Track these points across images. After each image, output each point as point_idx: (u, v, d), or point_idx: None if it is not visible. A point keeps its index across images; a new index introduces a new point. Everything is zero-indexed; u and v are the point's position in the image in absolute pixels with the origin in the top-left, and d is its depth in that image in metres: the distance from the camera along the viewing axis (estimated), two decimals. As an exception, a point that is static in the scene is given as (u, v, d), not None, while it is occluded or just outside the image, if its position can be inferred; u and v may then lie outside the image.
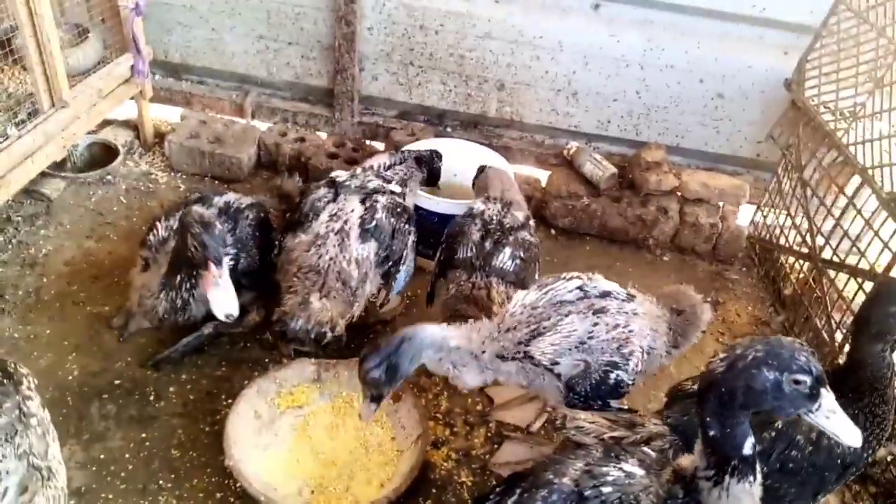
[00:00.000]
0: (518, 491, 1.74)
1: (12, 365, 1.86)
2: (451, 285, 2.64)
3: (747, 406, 1.53)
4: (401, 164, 3.06)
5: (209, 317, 2.64)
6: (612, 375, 2.21)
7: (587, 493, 1.66)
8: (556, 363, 2.19)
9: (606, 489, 1.66)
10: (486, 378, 2.28)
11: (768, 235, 3.72)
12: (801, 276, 3.37)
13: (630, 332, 2.25)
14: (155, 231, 2.66)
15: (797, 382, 1.50)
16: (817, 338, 3.05)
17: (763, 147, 3.87)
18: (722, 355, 1.56)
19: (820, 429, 1.57)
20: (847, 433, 1.56)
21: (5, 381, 1.78)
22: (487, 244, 2.66)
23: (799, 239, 3.38)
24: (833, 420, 1.55)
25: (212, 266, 2.35)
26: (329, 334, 2.57)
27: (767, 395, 1.50)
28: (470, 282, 2.61)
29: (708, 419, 1.57)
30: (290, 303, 2.58)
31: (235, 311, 2.37)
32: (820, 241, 3.17)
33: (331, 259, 2.64)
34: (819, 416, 1.55)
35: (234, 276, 2.64)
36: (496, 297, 2.55)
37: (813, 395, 1.52)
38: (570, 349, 2.19)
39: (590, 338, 2.20)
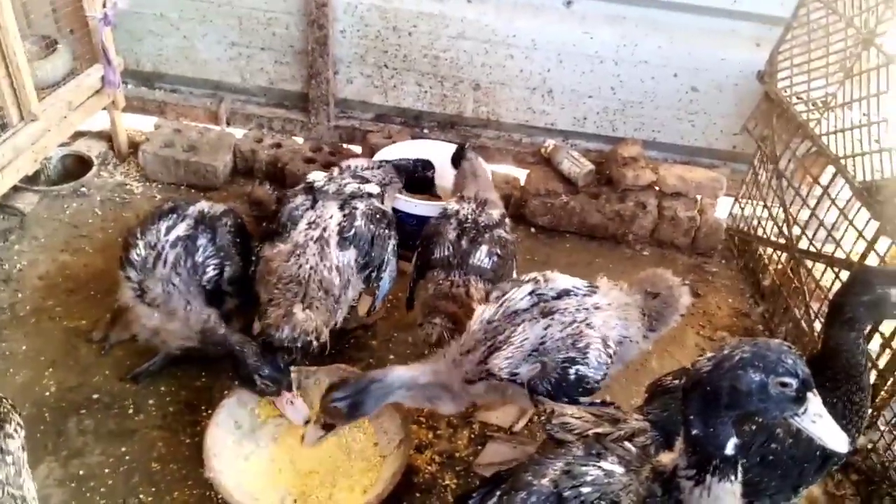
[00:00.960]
0: (498, 493, 1.74)
1: (5, 404, 1.87)
2: (429, 285, 2.64)
3: (732, 407, 1.52)
4: (378, 168, 3.05)
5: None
6: (571, 371, 2.20)
7: (566, 493, 1.65)
8: (515, 374, 2.20)
9: (586, 489, 1.65)
10: (462, 403, 2.35)
11: (746, 227, 3.74)
12: (780, 266, 3.39)
13: (587, 325, 2.24)
14: (137, 251, 2.56)
15: (783, 385, 1.48)
16: (797, 328, 3.07)
17: (738, 139, 3.90)
18: (709, 355, 1.55)
19: (805, 433, 1.57)
20: (833, 438, 1.55)
21: None
22: (464, 243, 2.67)
23: (776, 230, 3.40)
24: (819, 424, 1.53)
25: (285, 394, 2.46)
26: (315, 343, 2.55)
27: (752, 396, 1.49)
28: (448, 280, 2.61)
29: (691, 418, 1.56)
30: (274, 315, 2.55)
31: (309, 413, 2.47)
32: (797, 231, 3.19)
33: (311, 269, 2.61)
34: (805, 419, 1.53)
35: (219, 285, 2.65)
36: (475, 293, 2.55)
37: (799, 399, 1.50)
38: (524, 358, 2.20)
39: (541, 342, 2.21)
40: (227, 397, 2.50)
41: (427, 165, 3.28)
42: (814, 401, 1.52)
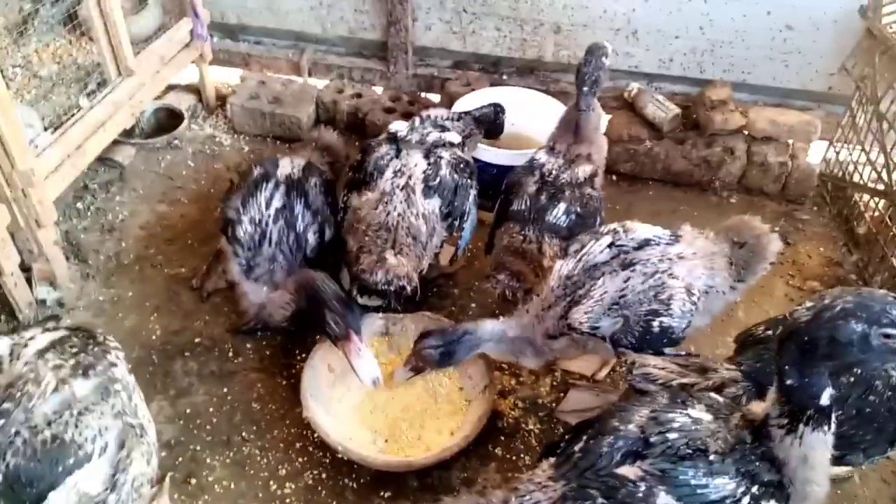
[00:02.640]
0: (584, 437, 1.77)
1: (101, 336, 1.98)
2: (503, 236, 2.66)
3: (830, 358, 1.49)
4: (458, 120, 3.05)
5: None
6: (655, 323, 2.20)
7: (653, 439, 1.67)
8: (596, 327, 2.21)
9: (672, 435, 1.67)
10: (546, 359, 2.38)
11: (841, 173, 3.58)
12: (877, 214, 3.24)
13: (669, 275, 2.21)
14: (242, 227, 2.63)
15: (887, 336, 1.44)
16: (893, 278, 2.96)
17: (835, 80, 3.69)
18: (808, 304, 1.51)
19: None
20: None
21: (95, 347, 1.90)
22: (542, 198, 2.64)
23: (874, 175, 3.24)
24: None
25: (353, 337, 2.42)
26: (407, 287, 2.63)
27: (853, 347, 1.45)
28: (521, 234, 2.62)
29: (787, 368, 1.55)
30: (367, 261, 2.63)
31: (380, 376, 2.43)
32: (897, 177, 3.04)
33: (399, 215, 2.67)
34: None
35: (322, 245, 2.74)
36: (547, 251, 2.55)
37: None
38: (604, 312, 2.20)
39: (622, 295, 2.20)
40: (320, 343, 2.61)
41: (501, 109, 3.24)
42: None
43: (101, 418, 1.77)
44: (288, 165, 2.84)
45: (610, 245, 2.29)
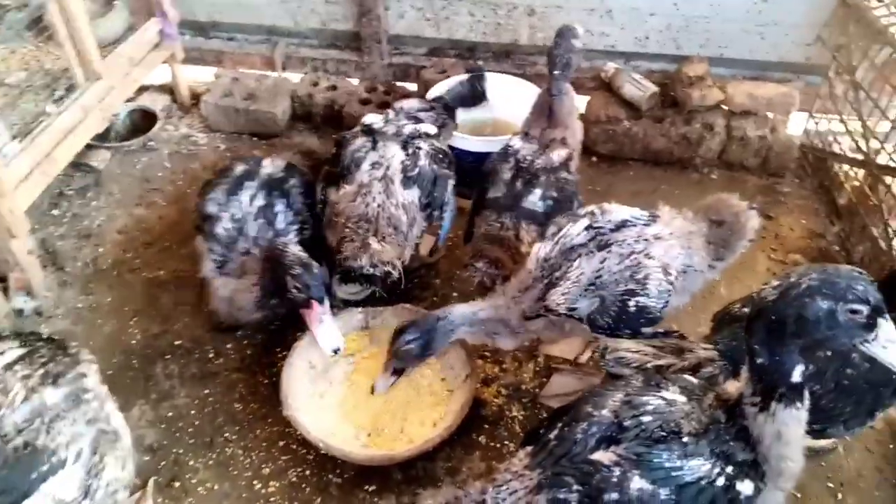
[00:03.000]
0: (559, 425, 1.77)
1: (72, 347, 1.97)
2: (481, 224, 2.64)
3: (798, 335, 1.48)
4: (431, 110, 3.02)
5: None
6: (632, 303, 2.18)
7: (627, 423, 1.67)
8: (574, 308, 2.20)
9: (646, 418, 1.67)
10: (522, 339, 2.36)
11: (821, 144, 3.55)
12: (857, 184, 3.23)
13: (646, 255, 2.20)
14: (222, 224, 2.59)
15: (853, 312, 1.44)
16: (874, 247, 2.94)
17: (812, 50, 3.65)
18: (774, 283, 1.50)
19: (876, 358, 1.52)
20: None
21: (65, 357, 1.89)
22: (518, 184, 2.63)
23: (853, 145, 3.22)
24: (891, 350, 1.49)
25: (316, 305, 2.38)
26: (393, 273, 2.62)
27: (820, 324, 1.45)
28: (498, 222, 2.60)
29: (756, 347, 1.54)
30: (350, 247, 2.62)
31: (343, 345, 2.42)
32: (875, 145, 3.02)
33: (379, 206, 2.66)
34: (875, 346, 1.48)
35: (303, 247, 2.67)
36: (525, 237, 2.54)
37: (870, 325, 1.46)
38: (581, 292, 2.19)
39: (598, 276, 2.19)
40: (300, 339, 2.60)
41: (479, 77, 3.19)
42: (885, 326, 1.47)
43: (74, 425, 1.76)
44: (269, 165, 2.81)
45: (587, 227, 2.28)
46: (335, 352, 2.40)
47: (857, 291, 1.43)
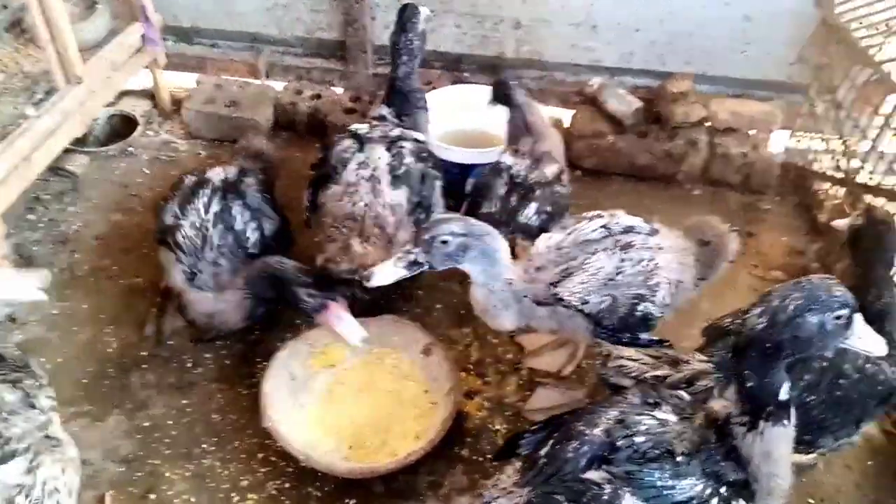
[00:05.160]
0: (550, 442, 1.75)
1: (33, 363, 2.01)
2: None
3: (793, 355, 1.51)
4: (388, 102, 2.97)
5: None
6: (640, 308, 2.21)
7: (619, 443, 1.66)
8: (586, 302, 2.19)
9: (639, 439, 1.66)
10: (521, 322, 2.29)
11: (802, 162, 3.59)
12: (837, 202, 3.26)
13: (656, 264, 2.23)
14: (182, 232, 2.56)
15: (839, 318, 1.49)
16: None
17: (794, 69, 3.70)
18: (757, 310, 1.51)
19: (853, 350, 1.59)
20: (877, 346, 1.59)
21: (22, 369, 1.95)
22: (513, 200, 2.64)
23: (834, 164, 3.26)
24: (865, 338, 1.56)
25: (332, 306, 2.36)
26: None
27: (814, 339, 1.49)
28: None
29: (747, 373, 1.56)
30: (332, 248, 2.59)
31: (367, 333, 2.39)
32: (855, 164, 3.05)
33: (366, 205, 2.63)
34: (853, 339, 1.55)
35: (264, 242, 2.67)
36: (520, 253, 2.52)
37: (849, 324, 1.52)
38: (598, 287, 2.19)
39: (618, 274, 2.20)
40: (281, 350, 2.56)
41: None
42: (857, 320, 1.54)
43: (26, 423, 1.83)
44: (220, 172, 2.77)
45: (603, 226, 2.28)
46: (363, 341, 2.38)
47: (838, 299, 1.48)
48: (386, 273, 2.01)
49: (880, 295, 2.13)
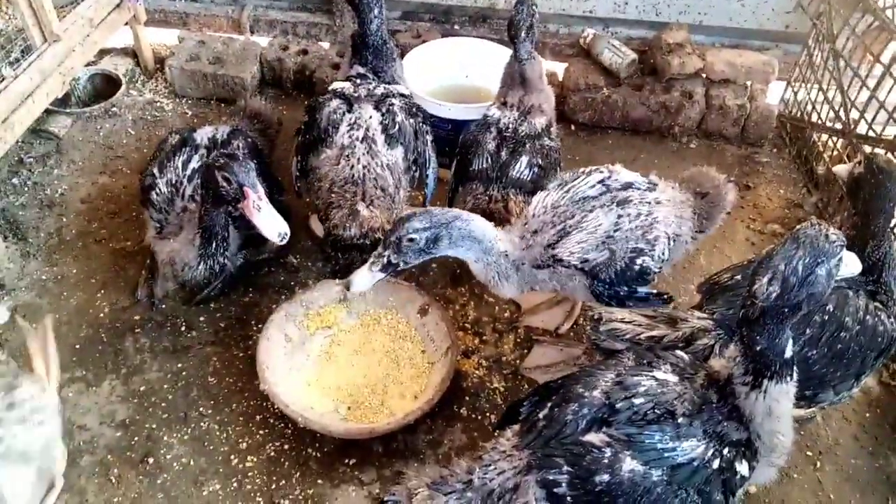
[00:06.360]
0: (549, 405, 1.73)
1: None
2: (468, 198, 2.58)
3: (809, 309, 1.52)
4: (361, 61, 2.86)
5: (241, 248, 2.67)
6: (638, 262, 2.18)
7: (619, 405, 1.64)
8: (585, 261, 2.16)
9: (638, 400, 1.65)
10: (524, 289, 2.27)
11: (800, 113, 3.54)
12: (836, 153, 3.22)
13: (654, 219, 2.21)
14: (157, 189, 2.59)
15: (840, 259, 1.50)
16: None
17: (792, 18, 3.63)
18: (765, 280, 1.49)
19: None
20: (854, 265, 1.66)
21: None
22: (503, 154, 2.57)
23: (832, 115, 3.21)
24: (848, 263, 1.60)
25: (249, 192, 2.26)
26: None
27: (826, 289, 1.50)
28: (487, 194, 2.55)
29: (758, 337, 1.55)
30: (339, 215, 2.54)
31: (287, 229, 2.29)
32: (855, 115, 3.01)
33: (364, 167, 2.57)
34: (842, 270, 1.55)
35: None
36: (514, 208, 2.49)
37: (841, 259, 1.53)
38: (597, 245, 2.16)
39: (616, 230, 2.17)
40: (276, 312, 2.53)
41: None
42: (846, 256, 1.57)
43: None
44: (211, 130, 2.78)
45: (601, 181, 2.25)
46: (281, 237, 2.28)
47: (833, 242, 1.48)
48: (364, 279, 2.01)
49: (879, 245, 2.12)
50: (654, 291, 2.27)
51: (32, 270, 2.83)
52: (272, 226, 2.27)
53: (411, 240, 1.96)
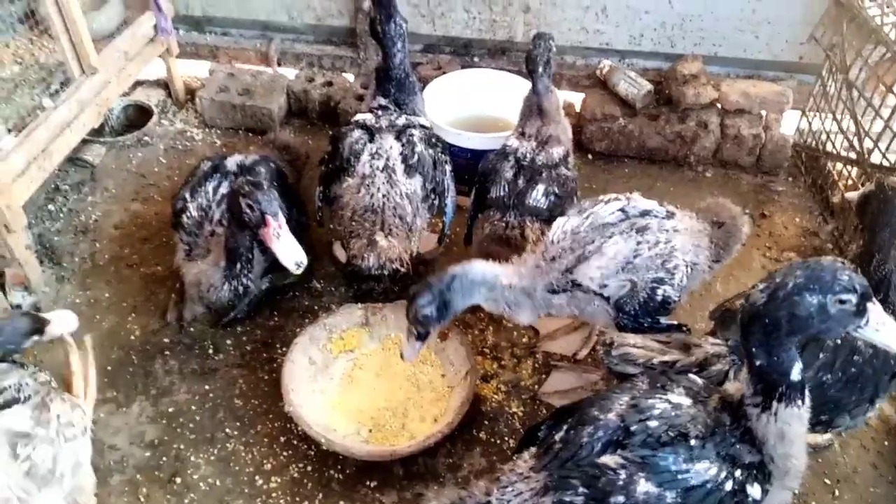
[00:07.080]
0: (565, 427, 1.78)
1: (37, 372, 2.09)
2: (485, 224, 2.65)
3: (793, 333, 1.52)
4: (384, 93, 2.94)
5: (266, 272, 2.75)
6: (659, 291, 2.22)
7: (633, 427, 1.68)
8: (605, 286, 2.20)
9: (653, 423, 1.68)
10: (540, 313, 2.31)
11: (814, 142, 3.59)
12: (850, 182, 3.26)
13: (673, 247, 2.24)
14: (187, 213, 2.69)
15: (842, 302, 1.47)
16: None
17: (806, 49, 3.69)
18: (761, 286, 1.53)
19: (871, 342, 1.56)
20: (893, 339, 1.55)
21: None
22: (520, 182, 2.64)
23: (846, 144, 3.25)
24: (883, 331, 1.53)
25: (270, 220, 2.33)
26: (401, 270, 2.63)
27: (813, 319, 1.48)
28: (503, 221, 2.62)
29: (754, 350, 1.57)
30: (357, 245, 2.62)
31: (304, 259, 2.36)
32: (868, 144, 3.05)
33: (384, 196, 2.66)
34: (868, 330, 1.52)
35: None
36: (530, 235, 2.55)
37: (860, 311, 1.49)
38: (616, 271, 2.20)
39: (635, 257, 2.20)
40: (300, 335, 2.61)
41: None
42: (874, 310, 1.51)
43: (23, 378, 1.96)
44: (240, 158, 2.88)
45: (620, 209, 2.29)
46: (297, 265, 2.34)
47: (842, 282, 1.47)
48: (410, 351, 2.22)
49: (885, 260, 2.11)
50: (675, 323, 2.31)
51: (67, 294, 2.94)
52: (290, 254, 2.35)
53: (425, 315, 2.10)
